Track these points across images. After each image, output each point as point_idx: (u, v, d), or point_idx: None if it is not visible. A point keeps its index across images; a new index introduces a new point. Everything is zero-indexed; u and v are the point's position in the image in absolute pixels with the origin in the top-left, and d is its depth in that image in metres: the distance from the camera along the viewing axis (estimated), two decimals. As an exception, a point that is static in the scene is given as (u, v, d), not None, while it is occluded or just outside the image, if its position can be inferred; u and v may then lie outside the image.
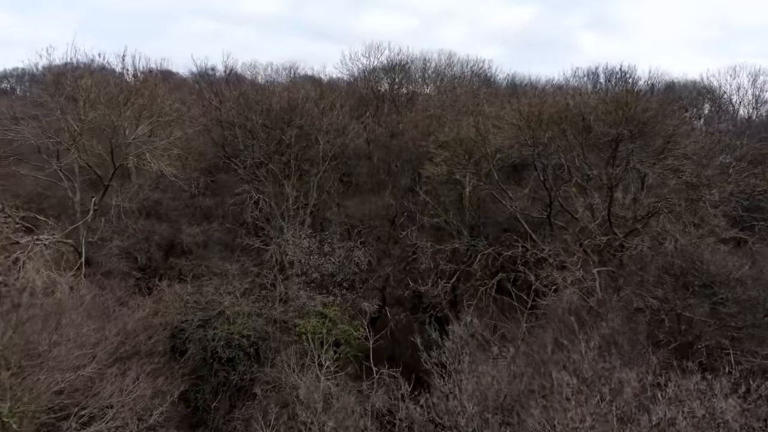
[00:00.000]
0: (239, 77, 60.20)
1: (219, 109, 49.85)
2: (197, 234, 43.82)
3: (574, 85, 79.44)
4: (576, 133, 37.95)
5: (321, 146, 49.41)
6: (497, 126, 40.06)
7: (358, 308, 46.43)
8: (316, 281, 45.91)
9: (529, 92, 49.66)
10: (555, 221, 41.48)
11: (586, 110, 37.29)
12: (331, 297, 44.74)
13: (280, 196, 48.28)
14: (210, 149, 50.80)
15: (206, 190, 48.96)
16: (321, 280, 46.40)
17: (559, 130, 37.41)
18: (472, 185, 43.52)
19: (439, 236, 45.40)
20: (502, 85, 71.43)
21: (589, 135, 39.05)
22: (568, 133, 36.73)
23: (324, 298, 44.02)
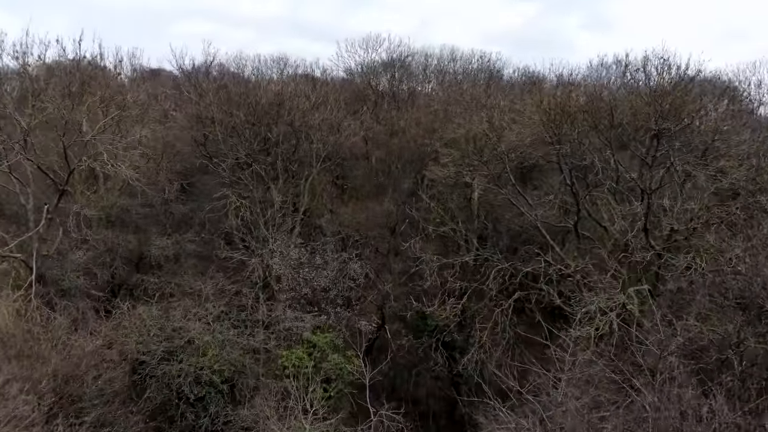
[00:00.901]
0: (224, 70, 54.59)
1: (198, 104, 44.14)
2: (168, 246, 38.09)
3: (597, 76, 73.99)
4: (607, 130, 32.15)
5: (314, 145, 43.73)
6: (514, 120, 34.30)
7: (354, 328, 40.89)
8: (306, 297, 40.25)
9: (548, 84, 43.91)
10: (582, 232, 35.70)
11: (619, 103, 31.50)
12: (324, 316, 39.26)
13: (265, 202, 42.56)
14: (188, 149, 45.04)
15: (182, 195, 43.16)
16: (312, 296, 40.74)
17: (588, 126, 31.61)
18: (483, 189, 37.75)
19: (446, 248, 39.71)
20: (511, 79, 65.39)
21: (624, 132, 33.28)
22: (600, 129, 30.90)
23: (315, 317, 38.49)
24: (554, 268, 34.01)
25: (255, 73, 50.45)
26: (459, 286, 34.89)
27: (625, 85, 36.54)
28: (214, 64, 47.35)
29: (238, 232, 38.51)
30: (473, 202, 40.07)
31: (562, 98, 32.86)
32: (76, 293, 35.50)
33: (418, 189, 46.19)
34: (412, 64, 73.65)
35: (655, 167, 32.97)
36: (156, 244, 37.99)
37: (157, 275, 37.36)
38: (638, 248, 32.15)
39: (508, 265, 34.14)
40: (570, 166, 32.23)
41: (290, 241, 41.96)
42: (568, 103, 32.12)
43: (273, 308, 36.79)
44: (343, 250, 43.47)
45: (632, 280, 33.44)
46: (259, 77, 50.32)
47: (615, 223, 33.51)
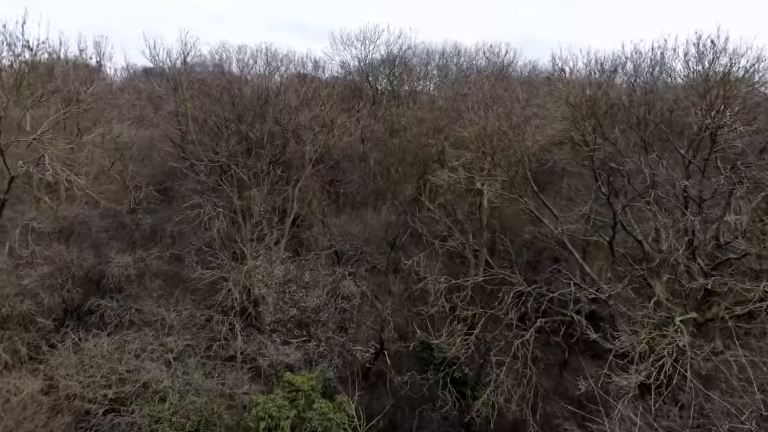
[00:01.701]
0: (204, 62, 48.96)
1: (172, 100, 38.61)
2: (129, 264, 32.46)
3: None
4: (650, 128, 26.57)
5: (307, 146, 38.18)
6: (536, 115, 28.71)
7: (349, 355, 35.39)
8: (294, 320, 34.81)
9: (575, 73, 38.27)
10: (616, 247, 30.12)
11: (661, 96, 25.95)
12: (313, 342, 33.80)
13: (247, 211, 37.05)
14: (163, 150, 39.50)
15: (152, 203, 37.54)
16: (300, 318, 35.29)
17: (625, 124, 26.03)
18: (495, 195, 32.14)
19: (454, 264, 34.14)
20: (524, 73, 59.66)
21: (666, 131, 27.70)
22: (640, 127, 25.32)
23: (303, 344, 33.11)
24: (584, 291, 28.46)
25: (239, 66, 44.89)
26: (471, 312, 29.26)
27: (667, 74, 30.99)
28: (193, 56, 41.93)
29: (210, 248, 32.91)
30: (483, 209, 34.41)
31: (593, 90, 27.24)
32: (19, 321, 30.04)
33: (422, 194, 40.70)
34: (413, 60, 68.29)
35: (707, 172, 27.40)
36: (116, 262, 32.40)
37: (116, 299, 31.78)
38: (692, 272, 26.54)
39: (531, 288, 28.52)
40: (606, 171, 26.57)
41: (276, 254, 36.55)
42: (602, 96, 26.49)
43: (251, 339, 31.30)
44: (336, 265, 38.03)
45: (676, 304, 27.91)
46: (244, 70, 44.86)
47: (663, 241, 27.87)
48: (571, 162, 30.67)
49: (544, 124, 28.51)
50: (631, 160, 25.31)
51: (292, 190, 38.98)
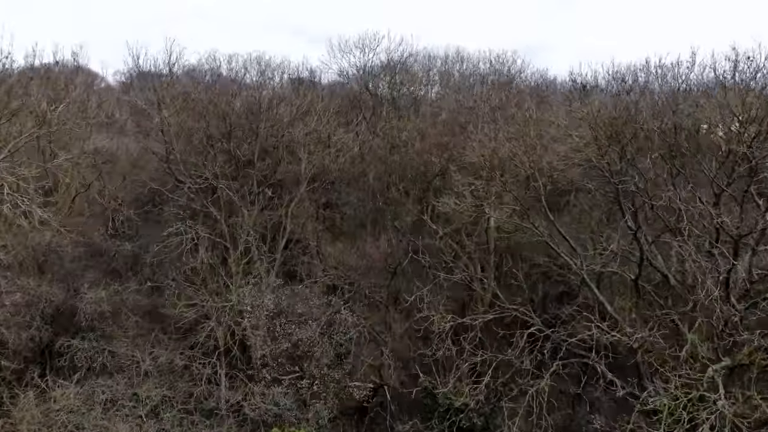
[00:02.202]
0: (193, 70, 45.92)
1: (152, 115, 35.59)
2: (103, 299, 29.47)
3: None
4: (687, 156, 23.57)
5: (302, 163, 35.22)
6: (556, 138, 25.70)
7: (345, 393, 32.46)
8: (285, 353, 31.84)
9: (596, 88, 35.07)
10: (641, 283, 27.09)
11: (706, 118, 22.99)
12: (307, 380, 30.89)
13: (235, 237, 34.07)
14: (141, 169, 36.53)
15: (131, 230, 34.53)
16: (293, 352, 32.35)
17: (658, 151, 23.02)
18: (506, 222, 29.12)
19: (461, 296, 31.17)
20: (534, 83, 56.48)
21: (701, 154, 24.70)
22: (676, 153, 22.34)
23: (295, 382, 30.24)
24: (608, 336, 25.46)
25: (229, 75, 41.61)
26: (480, 357, 26.29)
27: (695, 91, 27.91)
28: (179, 66, 39.04)
29: (192, 283, 29.91)
30: (490, 232, 31.40)
31: (619, 112, 24.24)
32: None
33: (424, 212, 37.71)
34: (415, 66, 65.41)
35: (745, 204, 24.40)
36: (88, 297, 29.40)
37: (88, 339, 28.82)
38: (727, 315, 23.54)
39: (549, 332, 25.54)
40: (635, 204, 23.57)
41: (266, 282, 33.60)
42: (628, 119, 23.50)
43: (237, 384, 28.37)
44: (332, 293, 35.08)
45: (706, 347, 24.93)
46: (235, 79, 41.67)
47: (689, 275, 24.91)
48: (585, 179, 27.55)
49: (563, 147, 25.40)
50: (664, 194, 22.27)
51: (285, 211, 36.07)
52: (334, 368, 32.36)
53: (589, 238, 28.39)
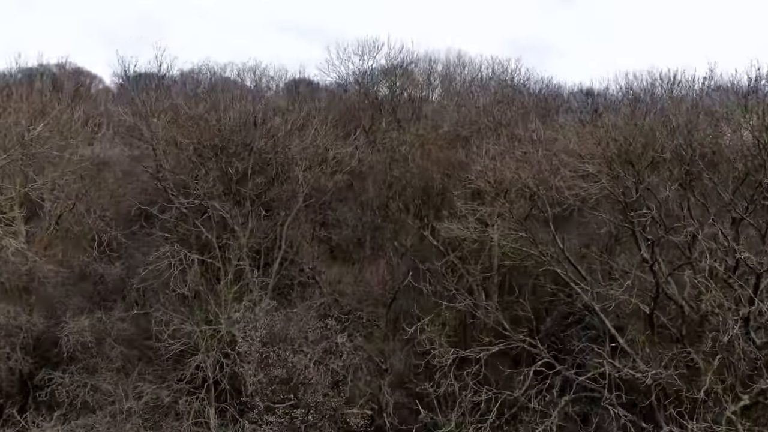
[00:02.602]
0: (184, 77, 44.23)
1: (141, 130, 33.90)
2: (85, 329, 27.90)
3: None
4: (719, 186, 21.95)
5: (299, 177, 33.61)
6: (566, 164, 24.03)
7: (342, 421, 30.89)
8: (277, 379, 30.24)
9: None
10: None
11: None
12: (301, 410, 29.34)
13: (226, 260, 32.50)
14: (128, 186, 34.94)
15: (115, 251, 32.91)
16: (287, 379, 30.76)
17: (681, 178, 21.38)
18: (512, 248, 27.47)
19: (464, 327, 29.58)
20: (539, 93, 54.66)
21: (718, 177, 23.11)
22: (694, 178, 20.71)
23: (285, 414, 28.67)
24: (622, 372, 23.87)
25: (224, 85, 39.63)
26: (485, 395, 24.69)
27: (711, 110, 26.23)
28: (169, 79, 37.29)
29: (179, 311, 28.31)
30: (493, 260, 29.82)
31: (632, 134, 22.59)
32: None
33: (424, 229, 36.08)
34: (415, 71, 63.84)
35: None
36: (70, 327, 27.82)
37: (70, 372, 27.26)
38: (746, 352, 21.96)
39: (560, 368, 23.96)
40: (653, 236, 21.92)
41: (260, 305, 32.02)
42: (644, 143, 21.86)
43: (226, 422, 26.81)
44: (329, 317, 33.49)
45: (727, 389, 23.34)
46: (229, 89, 39.92)
47: (721, 324, 23.13)
48: (596, 205, 25.88)
49: (574, 174, 23.71)
50: (685, 230, 20.64)
51: (279, 230, 34.46)
52: (331, 397, 30.89)
53: (598, 260, 26.74)
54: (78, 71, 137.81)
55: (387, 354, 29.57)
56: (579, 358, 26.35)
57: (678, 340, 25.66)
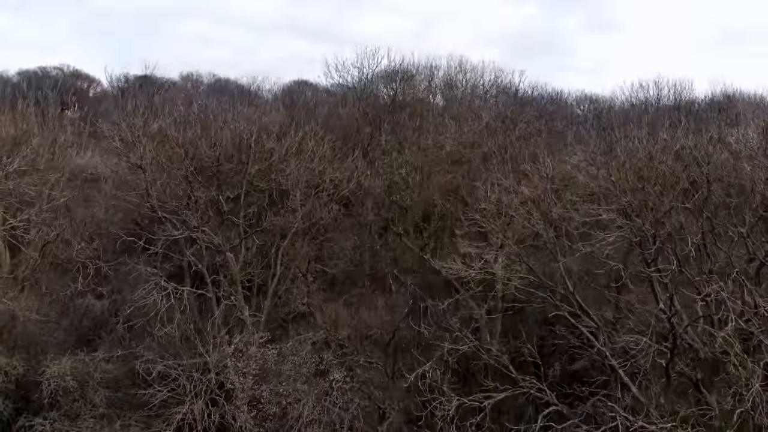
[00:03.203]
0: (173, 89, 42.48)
1: (127, 153, 32.26)
2: (67, 374, 26.38)
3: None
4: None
5: (295, 211, 32.07)
6: (574, 203, 22.46)
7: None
8: (273, 417, 28.77)
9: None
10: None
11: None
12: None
13: (220, 286, 30.97)
14: (111, 217, 33.40)
15: (100, 285, 31.39)
16: (280, 415, 29.29)
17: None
18: (517, 285, 25.79)
19: (468, 370, 28.06)
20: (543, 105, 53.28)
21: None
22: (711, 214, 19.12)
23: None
24: (635, 426, 22.32)
25: (214, 111, 36.94)
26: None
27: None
28: (162, 96, 35.70)
29: (166, 352, 26.78)
30: (498, 297, 28.23)
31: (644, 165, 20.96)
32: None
33: (425, 252, 34.50)
34: (416, 79, 62.28)
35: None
36: (51, 371, 26.29)
37: (51, 419, 25.74)
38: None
39: (572, 421, 22.42)
40: (672, 284, 20.34)
41: (253, 339, 30.52)
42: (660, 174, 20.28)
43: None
44: (325, 350, 31.93)
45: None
46: (222, 109, 38.11)
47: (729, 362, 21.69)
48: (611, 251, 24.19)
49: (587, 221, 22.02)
50: (711, 287, 19.06)
51: (274, 257, 32.86)
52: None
53: (610, 298, 25.17)
54: (76, 74, 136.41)
55: (385, 398, 28.00)
56: (590, 405, 24.85)
57: (694, 385, 24.18)
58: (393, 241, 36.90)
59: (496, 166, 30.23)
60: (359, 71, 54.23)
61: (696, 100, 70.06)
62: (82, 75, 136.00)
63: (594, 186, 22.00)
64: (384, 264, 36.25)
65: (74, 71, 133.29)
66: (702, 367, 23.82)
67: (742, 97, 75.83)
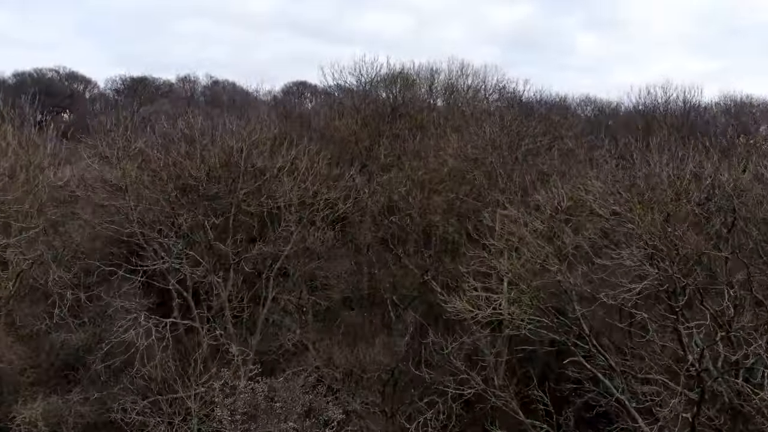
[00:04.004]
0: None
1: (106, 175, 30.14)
2: (39, 420, 24.25)
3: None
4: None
5: (289, 228, 29.98)
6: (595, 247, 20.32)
7: None
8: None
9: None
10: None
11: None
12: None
13: (204, 321, 28.87)
14: (92, 243, 31.24)
15: (77, 317, 29.21)
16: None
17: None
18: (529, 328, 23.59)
19: (474, 415, 25.93)
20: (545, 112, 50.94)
21: None
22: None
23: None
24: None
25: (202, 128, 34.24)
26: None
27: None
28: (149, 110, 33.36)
29: (145, 396, 24.62)
30: (506, 338, 26.08)
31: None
32: None
33: (425, 274, 32.43)
34: (417, 83, 60.32)
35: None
36: (23, 416, 24.16)
37: (19, 470, 23.64)
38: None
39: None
40: (705, 341, 18.21)
41: (242, 371, 28.35)
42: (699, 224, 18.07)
43: None
44: (320, 384, 29.75)
45: None
46: (208, 126, 35.48)
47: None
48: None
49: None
50: (749, 349, 16.94)
51: (264, 286, 30.71)
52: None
53: (633, 346, 22.99)
54: (72, 75, 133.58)
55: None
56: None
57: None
58: (392, 264, 34.77)
59: (501, 189, 28.01)
60: (357, 79, 52.29)
61: (705, 106, 68.04)
62: (78, 77, 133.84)
63: (613, 223, 19.78)
64: (383, 289, 34.17)
65: (70, 73, 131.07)
66: (732, 419, 21.78)
67: (751, 102, 73.83)
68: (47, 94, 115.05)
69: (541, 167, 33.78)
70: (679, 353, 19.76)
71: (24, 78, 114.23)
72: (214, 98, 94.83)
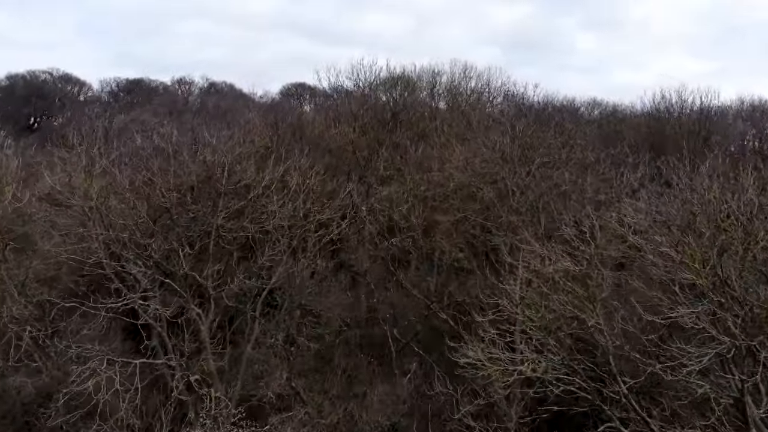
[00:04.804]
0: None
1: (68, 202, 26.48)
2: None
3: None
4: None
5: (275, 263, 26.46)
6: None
7: None
8: None
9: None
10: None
11: None
12: None
13: (178, 368, 25.28)
14: (55, 273, 27.69)
15: (36, 360, 25.65)
16: None
17: None
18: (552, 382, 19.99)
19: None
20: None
21: None
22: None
23: None
24: None
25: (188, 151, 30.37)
26: None
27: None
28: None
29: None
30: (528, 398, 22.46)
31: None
32: None
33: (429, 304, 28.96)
34: (417, 87, 57.09)
35: None
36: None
37: None
38: None
39: None
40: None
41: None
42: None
43: None
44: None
45: None
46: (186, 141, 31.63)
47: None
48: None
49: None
50: None
51: (250, 324, 27.14)
52: None
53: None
54: (66, 77, 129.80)
55: None
56: None
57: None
58: (393, 292, 31.25)
59: (513, 209, 24.50)
60: (354, 83, 48.94)
61: (722, 110, 64.15)
62: (72, 78, 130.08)
63: (665, 268, 16.18)
64: (382, 320, 30.67)
65: (64, 75, 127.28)
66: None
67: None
68: (39, 97, 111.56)
69: (558, 182, 30.30)
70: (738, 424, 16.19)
71: (17, 80, 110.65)
72: (204, 104, 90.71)
